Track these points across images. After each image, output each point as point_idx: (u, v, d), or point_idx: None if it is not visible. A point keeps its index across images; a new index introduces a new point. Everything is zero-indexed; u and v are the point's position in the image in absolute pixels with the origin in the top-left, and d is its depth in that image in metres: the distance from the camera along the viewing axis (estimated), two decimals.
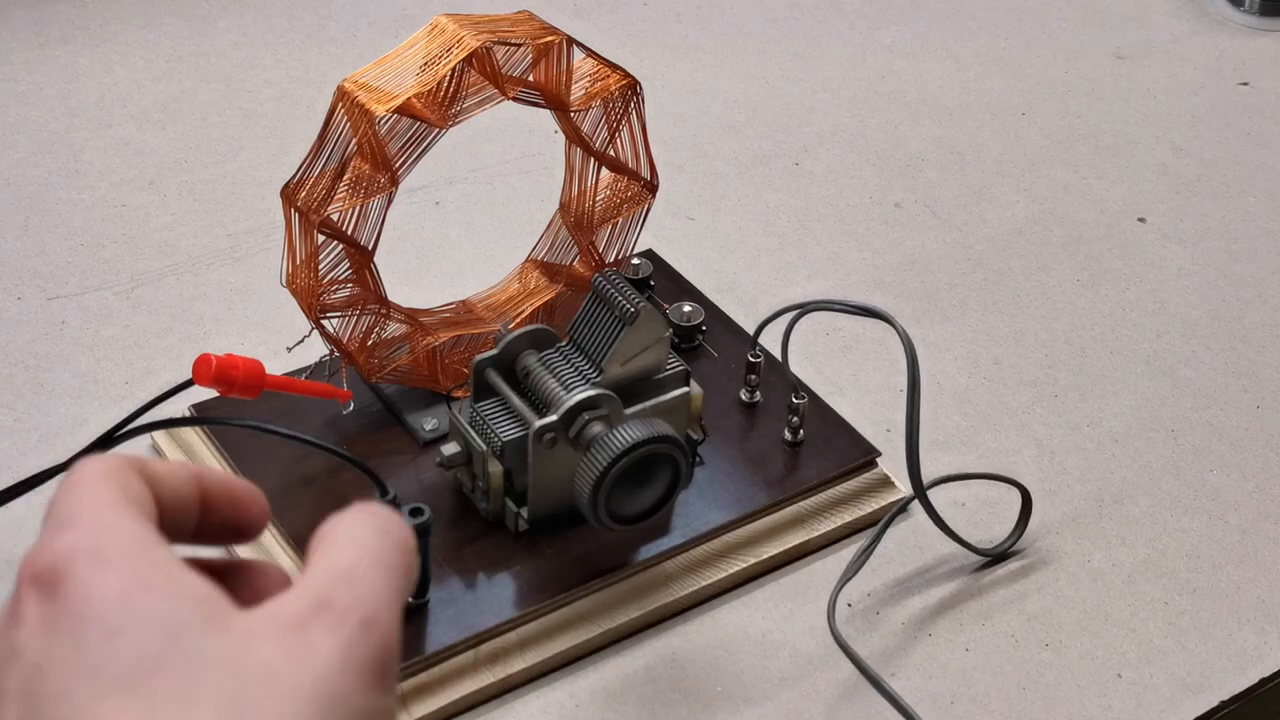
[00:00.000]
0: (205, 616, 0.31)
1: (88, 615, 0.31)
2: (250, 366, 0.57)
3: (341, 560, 0.34)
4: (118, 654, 0.31)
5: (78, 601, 0.31)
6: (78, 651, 0.31)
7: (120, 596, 0.31)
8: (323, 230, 0.57)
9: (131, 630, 0.31)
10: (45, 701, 0.31)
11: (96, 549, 0.32)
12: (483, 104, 0.58)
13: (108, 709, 0.30)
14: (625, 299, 0.57)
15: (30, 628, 0.32)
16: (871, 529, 0.62)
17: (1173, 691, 0.57)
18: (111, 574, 0.32)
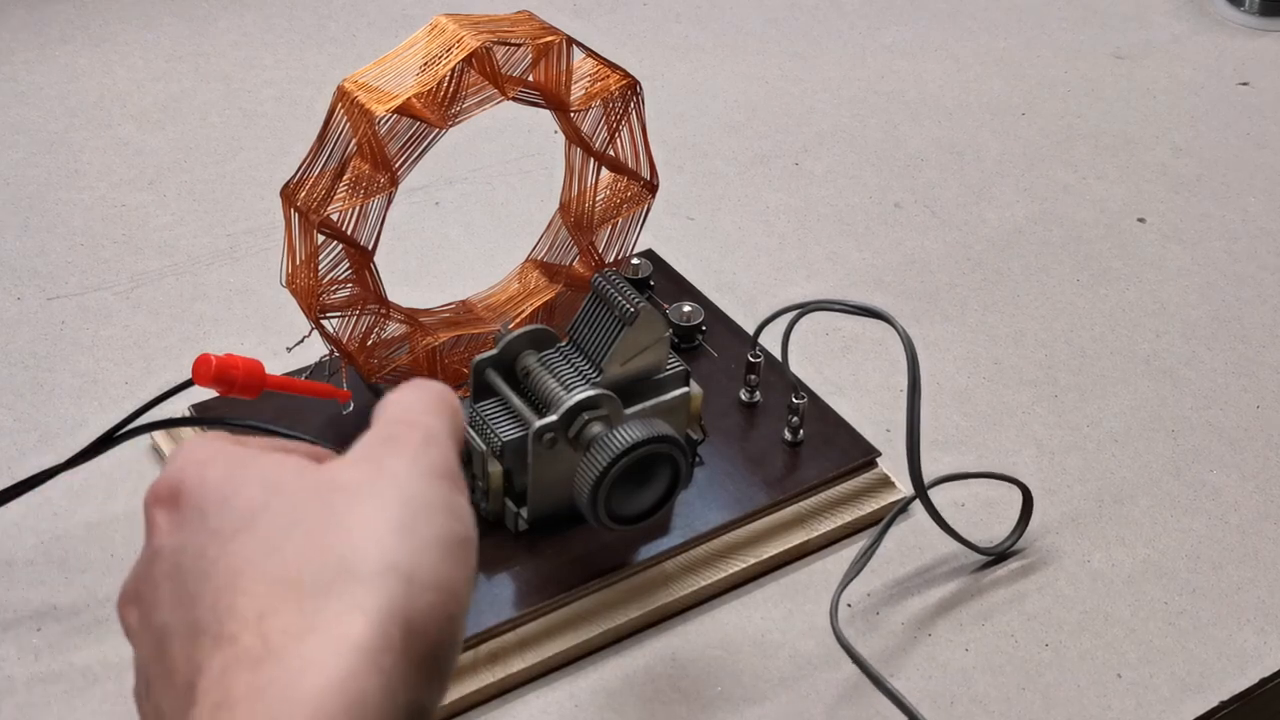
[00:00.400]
0: (295, 469, 0.39)
1: (204, 499, 0.38)
2: (250, 366, 0.57)
3: (393, 410, 0.41)
4: (232, 511, 0.38)
5: (193, 497, 0.39)
6: (202, 526, 0.38)
7: (224, 476, 0.39)
8: (322, 230, 0.57)
9: (239, 492, 0.38)
10: (188, 573, 0.37)
11: (197, 458, 0.40)
12: (483, 104, 0.58)
13: (233, 549, 0.37)
14: (625, 299, 0.57)
15: (163, 531, 0.39)
16: (872, 529, 0.62)
17: (1173, 691, 0.57)
18: (213, 468, 0.39)
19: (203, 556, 0.37)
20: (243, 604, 0.36)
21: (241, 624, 0.35)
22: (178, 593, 0.38)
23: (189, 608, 0.37)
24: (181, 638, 0.37)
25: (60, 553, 0.60)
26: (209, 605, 0.36)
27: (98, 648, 0.56)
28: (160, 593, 0.39)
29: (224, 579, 0.37)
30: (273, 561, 0.36)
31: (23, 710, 0.54)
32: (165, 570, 0.38)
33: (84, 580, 0.59)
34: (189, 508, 0.39)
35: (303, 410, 0.62)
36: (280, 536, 0.37)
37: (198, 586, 0.37)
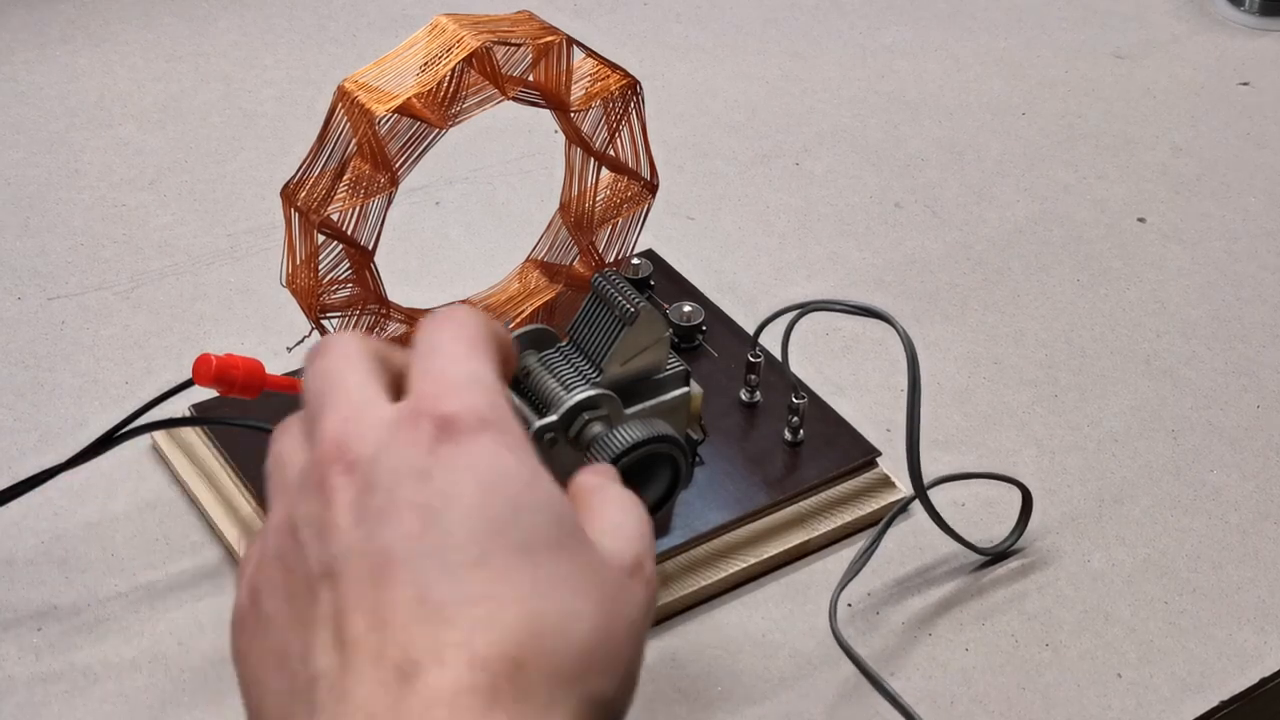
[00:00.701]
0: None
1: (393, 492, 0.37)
2: (250, 366, 0.57)
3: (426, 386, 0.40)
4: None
5: (466, 465, 0.37)
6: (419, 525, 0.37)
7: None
8: (323, 230, 0.57)
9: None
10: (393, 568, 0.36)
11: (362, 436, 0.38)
12: (483, 104, 0.58)
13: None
14: (625, 299, 0.57)
15: (341, 507, 0.38)
16: (872, 529, 0.62)
17: (1173, 691, 0.57)
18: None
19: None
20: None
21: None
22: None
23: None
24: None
25: (60, 552, 0.60)
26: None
27: (98, 647, 0.57)
28: (352, 565, 0.37)
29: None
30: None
31: (23, 710, 0.54)
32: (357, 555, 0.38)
33: (84, 580, 0.59)
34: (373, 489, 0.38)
35: None
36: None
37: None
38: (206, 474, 0.62)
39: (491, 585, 0.36)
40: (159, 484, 0.63)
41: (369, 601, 0.36)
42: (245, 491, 0.61)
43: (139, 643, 0.57)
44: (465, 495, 0.37)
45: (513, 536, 0.37)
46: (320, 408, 0.40)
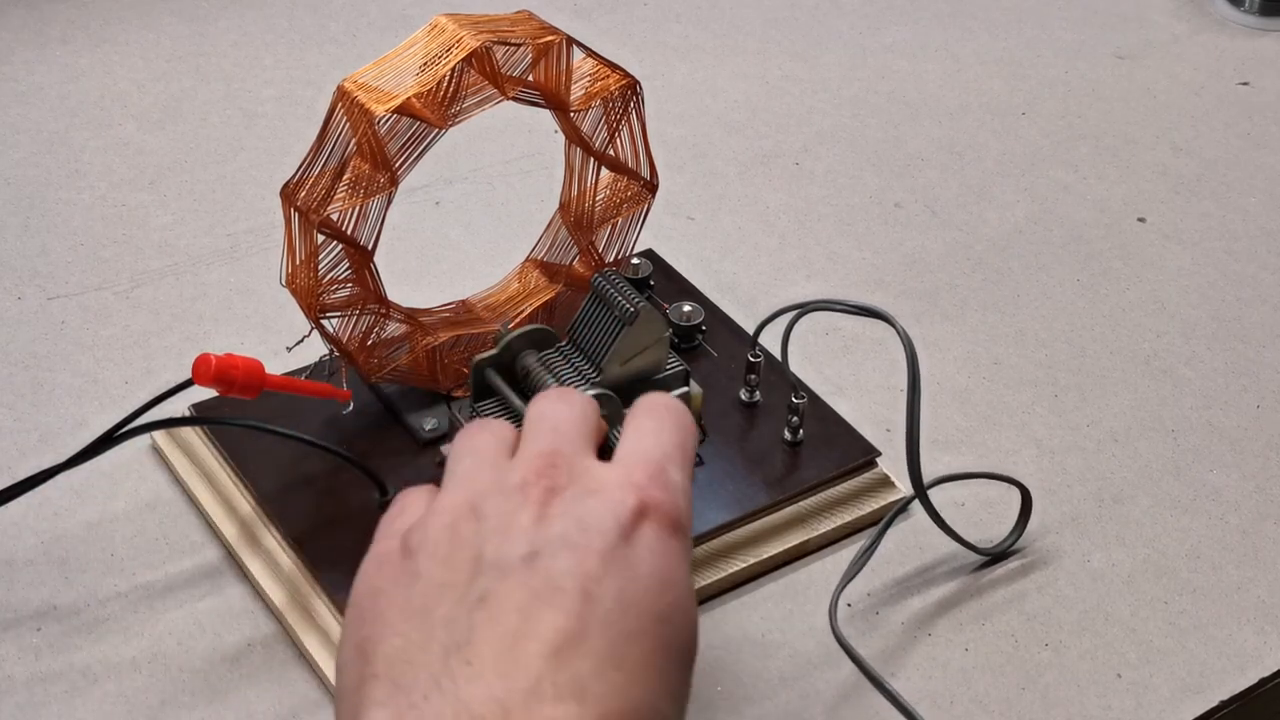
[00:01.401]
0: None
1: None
2: (250, 366, 0.57)
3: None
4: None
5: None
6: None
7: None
8: (322, 230, 0.57)
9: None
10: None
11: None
12: (482, 104, 0.58)
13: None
14: (625, 299, 0.57)
15: (531, 515, 0.42)
16: (872, 529, 0.62)
17: (1173, 691, 0.57)
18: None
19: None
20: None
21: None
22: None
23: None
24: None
25: (60, 553, 0.60)
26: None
27: (98, 647, 0.57)
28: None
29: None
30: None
31: (23, 710, 0.54)
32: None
33: (84, 580, 0.59)
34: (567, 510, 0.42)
35: (303, 410, 0.62)
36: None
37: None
38: (206, 474, 0.62)
39: (619, 657, 0.40)
40: (159, 484, 0.63)
41: (528, 609, 0.40)
42: (245, 491, 0.61)
43: (139, 643, 0.57)
44: (642, 579, 0.41)
45: (656, 639, 0.41)
46: (540, 431, 0.45)
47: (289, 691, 0.55)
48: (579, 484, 0.43)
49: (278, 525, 0.59)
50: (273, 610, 0.58)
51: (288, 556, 0.59)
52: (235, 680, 0.56)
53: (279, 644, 0.57)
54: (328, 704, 0.55)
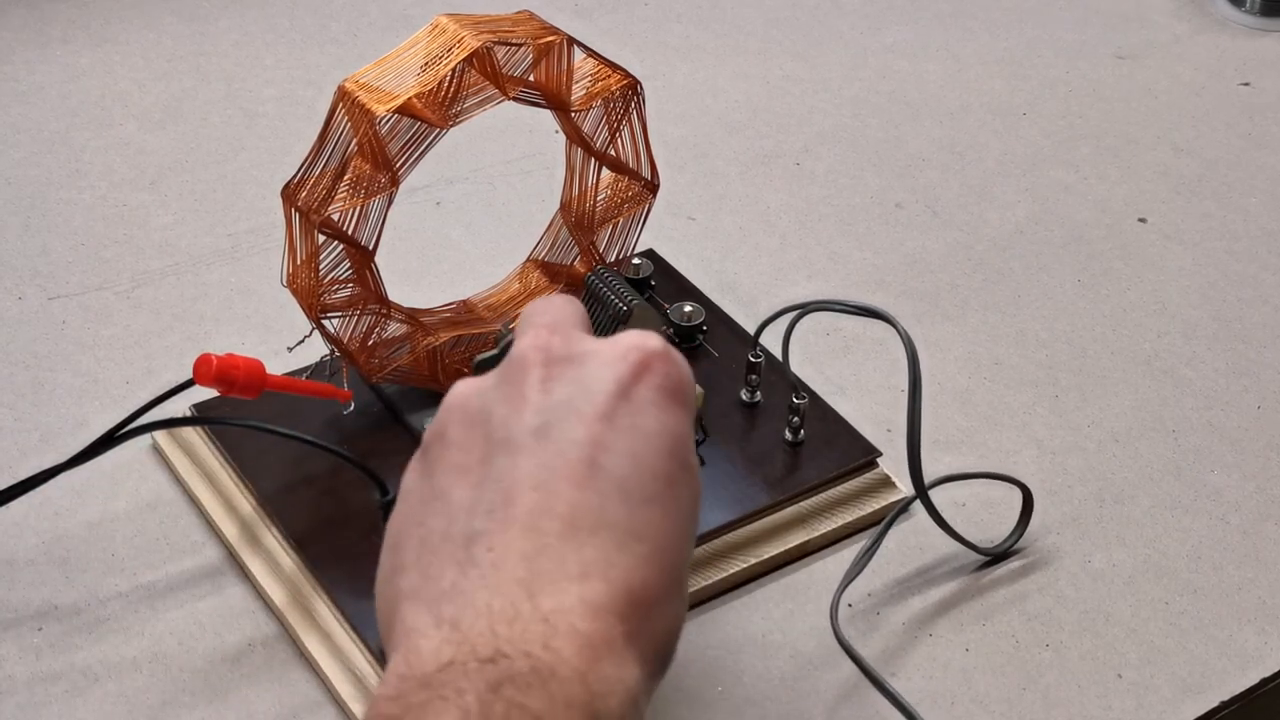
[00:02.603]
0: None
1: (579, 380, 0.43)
2: (251, 366, 0.57)
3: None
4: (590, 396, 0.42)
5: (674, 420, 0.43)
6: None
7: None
8: (323, 230, 0.57)
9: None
10: (564, 406, 0.42)
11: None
12: (483, 104, 0.58)
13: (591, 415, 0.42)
14: (618, 297, 0.57)
15: (533, 383, 0.43)
16: (873, 529, 0.62)
17: (1173, 691, 0.57)
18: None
19: (576, 406, 0.42)
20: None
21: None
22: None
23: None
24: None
25: (61, 552, 0.60)
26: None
27: (98, 647, 0.57)
28: (531, 395, 0.42)
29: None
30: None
31: (23, 710, 0.54)
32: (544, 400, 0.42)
33: (85, 580, 0.59)
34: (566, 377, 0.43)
35: (304, 410, 0.62)
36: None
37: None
38: (207, 474, 0.63)
39: (637, 527, 0.40)
40: (159, 484, 0.63)
41: (543, 486, 0.40)
42: (246, 491, 0.61)
43: (139, 643, 0.57)
44: (651, 438, 0.42)
45: (671, 500, 0.42)
46: (532, 319, 0.45)
47: (290, 691, 0.55)
48: (577, 350, 0.43)
49: (278, 525, 0.59)
50: (273, 610, 0.58)
51: (288, 556, 0.59)
52: (236, 680, 0.56)
53: (279, 644, 0.57)
54: (329, 704, 0.55)
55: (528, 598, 0.38)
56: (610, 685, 0.37)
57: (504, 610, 0.38)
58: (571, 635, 0.37)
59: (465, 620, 0.38)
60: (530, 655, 0.37)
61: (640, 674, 0.39)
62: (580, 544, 0.39)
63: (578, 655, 0.37)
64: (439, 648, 0.38)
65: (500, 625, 0.37)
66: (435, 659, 0.37)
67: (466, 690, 0.36)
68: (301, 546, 0.58)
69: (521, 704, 0.36)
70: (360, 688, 0.54)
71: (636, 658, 0.39)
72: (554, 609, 0.38)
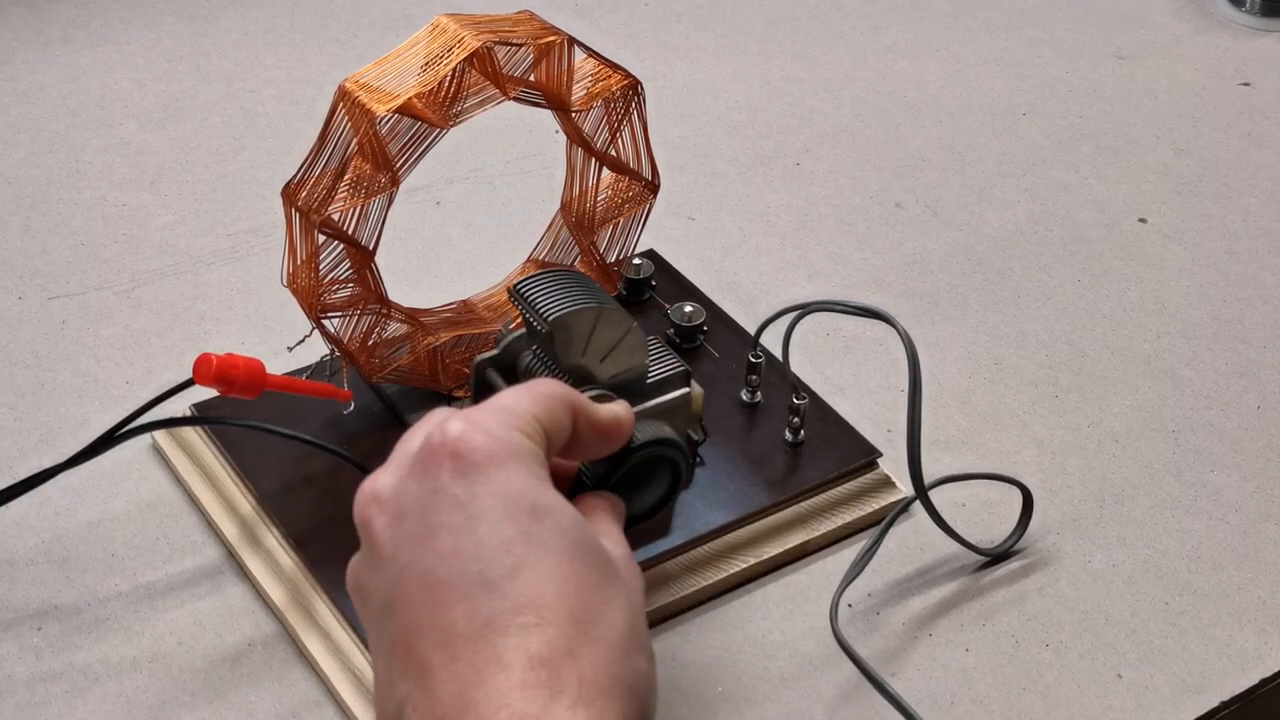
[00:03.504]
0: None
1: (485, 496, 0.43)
2: (251, 366, 0.57)
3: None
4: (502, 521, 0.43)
5: (484, 485, 0.43)
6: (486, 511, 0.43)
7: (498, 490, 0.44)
8: (323, 230, 0.57)
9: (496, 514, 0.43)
10: (476, 519, 0.42)
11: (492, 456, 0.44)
12: (484, 104, 0.58)
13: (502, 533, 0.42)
14: (534, 316, 0.55)
15: (382, 539, 0.44)
16: (873, 529, 0.62)
17: (1173, 692, 0.57)
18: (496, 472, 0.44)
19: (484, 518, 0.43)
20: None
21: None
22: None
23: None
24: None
25: (61, 552, 0.60)
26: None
27: (98, 647, 0.57)
28: (440, 519, 0.43)
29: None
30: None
31: (23, 709, 0.54)
32: (450, 515, 0.43)
33: (84, 580, 0.59)
34: (475, 491, 0.43)
35: (304, 410, 0.62)
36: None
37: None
38: (207, 474, 0.62)
39: (532, 590, 0.41)
40: (159, 484, 0.63)
41: (429, 623, 0.41)
42: (245, 491, 0.61)
43: (139, 643, 0.57)
44: (490, 510, 0.42)
45: (539, 541, 0.42)
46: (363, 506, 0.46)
47: (289, 691, 0.55)
48: (393, 480, 0.45)
49: (278, 525, 0.59)
50: (273, 610, 0.58)
51: (288, 556, 0.59)
52: (236, 680, 0.56)
53: (279, 643, 0.57)
54: (328, 703, 0.55)
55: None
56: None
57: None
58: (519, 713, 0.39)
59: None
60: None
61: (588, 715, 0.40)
62: (474, 649, 0.40)
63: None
64: None
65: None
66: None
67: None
68: (301, 546, 0.58)
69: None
70: (360, 687, 0.54)
71: (576, 699, 0.40)
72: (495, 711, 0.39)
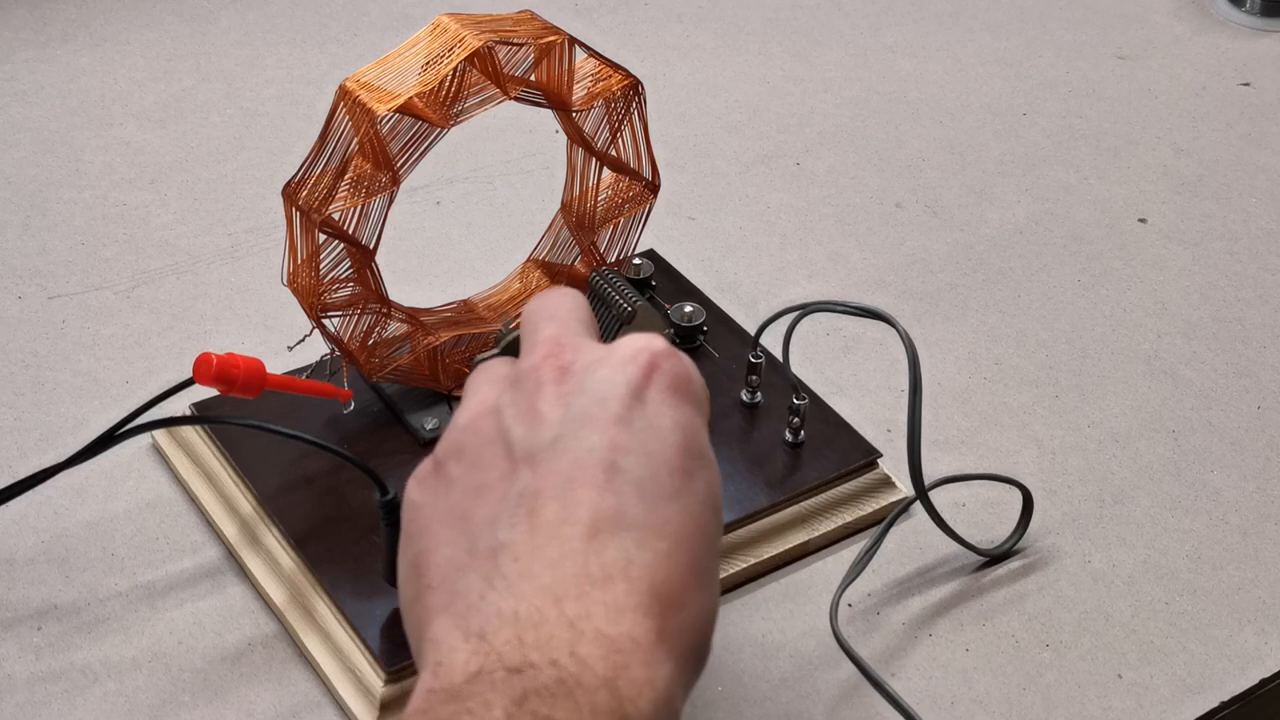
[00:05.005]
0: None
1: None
2: (251, 365, 0.57)
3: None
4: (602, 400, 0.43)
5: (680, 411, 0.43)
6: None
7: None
8: (324, 229, 0.57)
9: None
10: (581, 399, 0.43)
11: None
12: (484, 104, 0.58)
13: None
14: (622, 297, 0.57)
15: (549, 399, 0.43)
16: (873, 529, 0.62)
17: (1173, 692, 0.57)
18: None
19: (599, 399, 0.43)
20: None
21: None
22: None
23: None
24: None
25: (61, 551, 0.60)
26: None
27: (98, 646, 0.57)
28: (544, 393, 0.43)
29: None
30: None
31: (23, 709, 0.54)
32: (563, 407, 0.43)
33: (84, 579, 0.59)
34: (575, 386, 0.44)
35: (304, 409, 0.62)
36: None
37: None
38: (207, 473, 0.63)
39: (657, 524, 0.40)
40: (159, 483, 0.63)
41: (564, 494, 0.40)
42: (246, 491, 0.61)
43: (139, 642, 0.57)
44: (664, 435, 0.42)
45: (690, 494, 0.42)
46: (539, 321, 0.46)
47: (289, 691, 0.55)
48: (586, 359, 0.44)
49: (278, 525, 0.59)
50: (273, 609, 0.58)
51: (288, 556, 0.59)
52: (236, 679, 0.56)
53: (279, 643, 0.57)
54: (328, 703, 0.55)
55: (554, 603, 0.38)
56: (639, 688, 0.38)
57: (530, 616, 0.38)
58: (597, 640, 0.38)
59: (491, 629, 0.38)
60: (556, 664, 0.37)
61: (672, 670, 0.39)
62: (601, 547, 0.39)
63: (603, 661, 0.37)
64: (467, 660, 0.38)
65: (527, 632, 0.38)
66: (464, 670, 0.38)
67: (493, 703, 0.36)
68: (301, 546, 0.58)
69: (548, 716, 0.36)
70: (360, 687, 0.54)
71: (668, 655, 0.39)
72: (579, 614, 0.38)
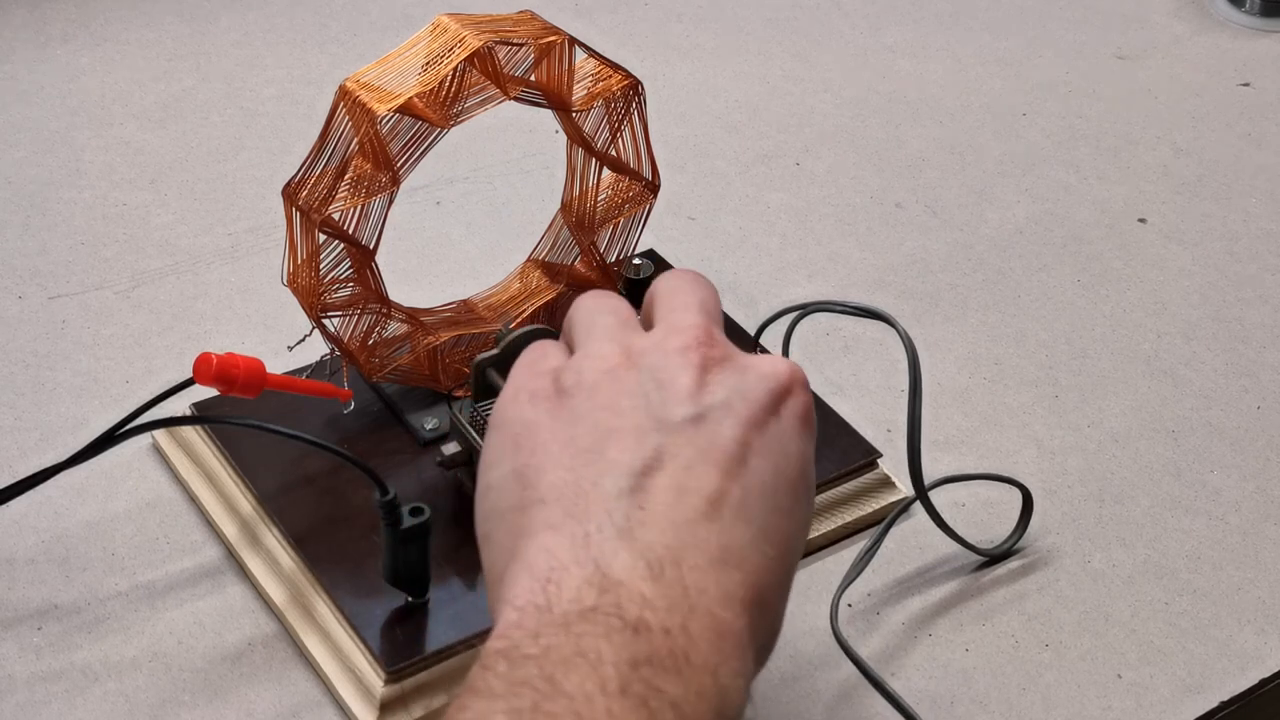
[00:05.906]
0: None
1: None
2: (251, 365, 0.57)
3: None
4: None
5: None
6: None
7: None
8: (324, 229, 0.57)
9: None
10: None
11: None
12: (484, 104, 0.58)
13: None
14: None
15: (694, 381, 0.44)
16: (873, 529, 0.62)
17: (1173, 692, 0.57)
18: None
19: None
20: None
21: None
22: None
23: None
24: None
25: (61, 551, 0.60)
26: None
27: (98, 646, 0.57)
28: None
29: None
30: None
31: (23, 709, 0.54)
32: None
33: (85, 579, 0.59)
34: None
35: (304, 409, 0.62)
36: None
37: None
38: (207, 473, 0.63)
39: (770, 531, 0.42)
40: (159, 483, 0.63)
41: (695, 465, 0.42)
42: (246, 491, 0.61)
43: (139, 642, 0.57)
44: (791, 455, 0.44)
45: (795, 520, 0.43)
46: (687, 305, 0.47)
47: (289, 690, 0.55)
48: (734, 359, 0.45)
49: (278, 524, 0.59)
50: (273, 609, 0.58)
51: (288, 556, 0.59)
52: (236, 679, 0.56)
53: (279, 643, 0.57)
54: (328, 703, 0.55)
55: (673, 563, 0.39)
56: (734, 679, 0.39)
57: (650, 567, 0.39)
58: (708, 620, 0.39)
59: (613, 568, 0.39)
60: (670, 634, 0.38)
61: (754, 672, 0.40)
62: (721, 528, 0.41)
63: (711, 645, 0.39)
64: (581, 588, 0.39)
65: (645, 584, 0.39)
66: (577, 599, 0.39)
67: (605, 657, 0.37)
68: (301, 546, 0.58)
69: (659, 689, 0.37)
70: (360, 687, 0.54)
71: (753, 654, 0.40)
72: (696, 586, 0.39)
